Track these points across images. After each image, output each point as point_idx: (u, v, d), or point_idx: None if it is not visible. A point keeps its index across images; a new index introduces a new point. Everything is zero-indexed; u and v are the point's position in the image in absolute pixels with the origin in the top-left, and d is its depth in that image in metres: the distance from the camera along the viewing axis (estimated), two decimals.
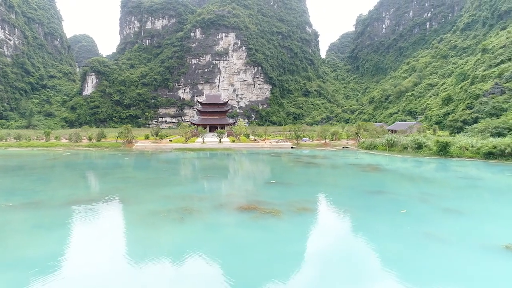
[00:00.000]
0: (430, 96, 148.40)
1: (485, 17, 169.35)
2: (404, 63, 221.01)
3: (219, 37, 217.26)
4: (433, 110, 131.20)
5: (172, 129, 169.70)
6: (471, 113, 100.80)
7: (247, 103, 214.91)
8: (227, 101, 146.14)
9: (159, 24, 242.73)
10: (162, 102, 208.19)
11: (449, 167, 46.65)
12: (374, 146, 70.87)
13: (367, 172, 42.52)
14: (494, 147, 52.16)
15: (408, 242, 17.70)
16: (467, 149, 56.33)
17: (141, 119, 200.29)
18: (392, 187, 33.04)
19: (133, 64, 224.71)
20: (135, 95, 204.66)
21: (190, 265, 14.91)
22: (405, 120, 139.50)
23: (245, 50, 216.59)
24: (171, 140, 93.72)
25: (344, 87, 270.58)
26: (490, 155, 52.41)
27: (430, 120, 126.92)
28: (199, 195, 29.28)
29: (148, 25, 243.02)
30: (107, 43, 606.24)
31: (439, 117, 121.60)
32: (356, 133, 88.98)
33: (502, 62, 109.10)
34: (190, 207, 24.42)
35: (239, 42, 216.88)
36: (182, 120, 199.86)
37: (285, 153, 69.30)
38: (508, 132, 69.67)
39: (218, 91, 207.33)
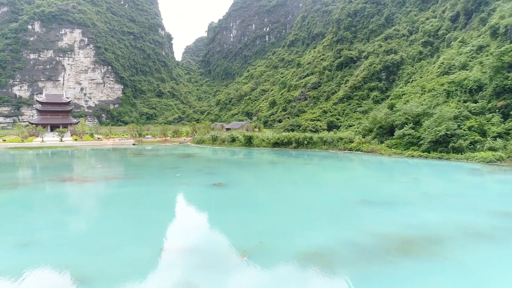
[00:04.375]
0: (263, 100, 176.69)
1: (304, 37, 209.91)
2: (246, 70, 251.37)
3: (63, 32, 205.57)
4: (263, 112, 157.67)
5: (7, 130, 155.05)
6: (284, 114, 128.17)
7: (96, 102, 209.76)
8: (70, 101, 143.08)
9: None
10: None
11: (243, 153, 64.75)
12: (203, 141, 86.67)
13: (181, 158, 56.50)
14: (278, 139, 73.31)
15: (167, 187, 31.31)
16: (264, 141, 76.60)
17: None
18: (186, 165, 47.40)
19: None
20: None
21: (22, 205, 25.04)
22: (242, 120, 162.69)
23: (93, 48, 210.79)
24: (4, 140, 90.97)
25: (197, 89, 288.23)
26: (276, 144, 73.32)
27: (260, 120, 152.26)
28: (30, 176, 37.66)
29: None
30: None
31: (267, 117, 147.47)
32: (193, 131, 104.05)
33: (307, 75, 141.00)
34: (22, 182, 33.20)
35: (86, 39, 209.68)
36: (19, 120, 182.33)
37: (125, 149, 78.43)
38: (298, 128, 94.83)
39: (63, 89, 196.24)
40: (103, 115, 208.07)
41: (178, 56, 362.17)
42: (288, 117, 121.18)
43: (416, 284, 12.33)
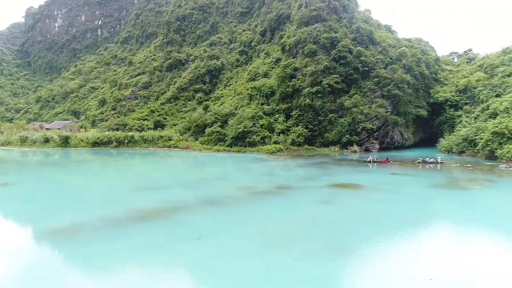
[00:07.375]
0: (92, 98, 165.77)
1: (138, 35, 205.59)
2: (74, 65, 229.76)
3: None
4: (92, 111, 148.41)
5: None
6: (114, 113, 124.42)
7: None
8: None
9: None
10: None
11: (55, 154, 61.58)
12: (9, 142, 77.28)
13: None
14: (98, 138, 72.18)
15: None
16: (82, 141, 73.92)
17: None
18: None
19: None
20: None
21: None
22: (68, 120, 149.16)
23: None
24: None
25: (12, 84, 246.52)
26: (95, 144, 71.88)
27: (89, 120, 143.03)
28: None
29: None
30: None
31: (96, 116, 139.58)
32: None
33: (139, 74, 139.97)
34: None
35: None
36: None
37: None
38: (124, 127, 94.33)
39: None
40: None
41: None
42: (117, 116, 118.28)
43: (136, 235, 16.81)
